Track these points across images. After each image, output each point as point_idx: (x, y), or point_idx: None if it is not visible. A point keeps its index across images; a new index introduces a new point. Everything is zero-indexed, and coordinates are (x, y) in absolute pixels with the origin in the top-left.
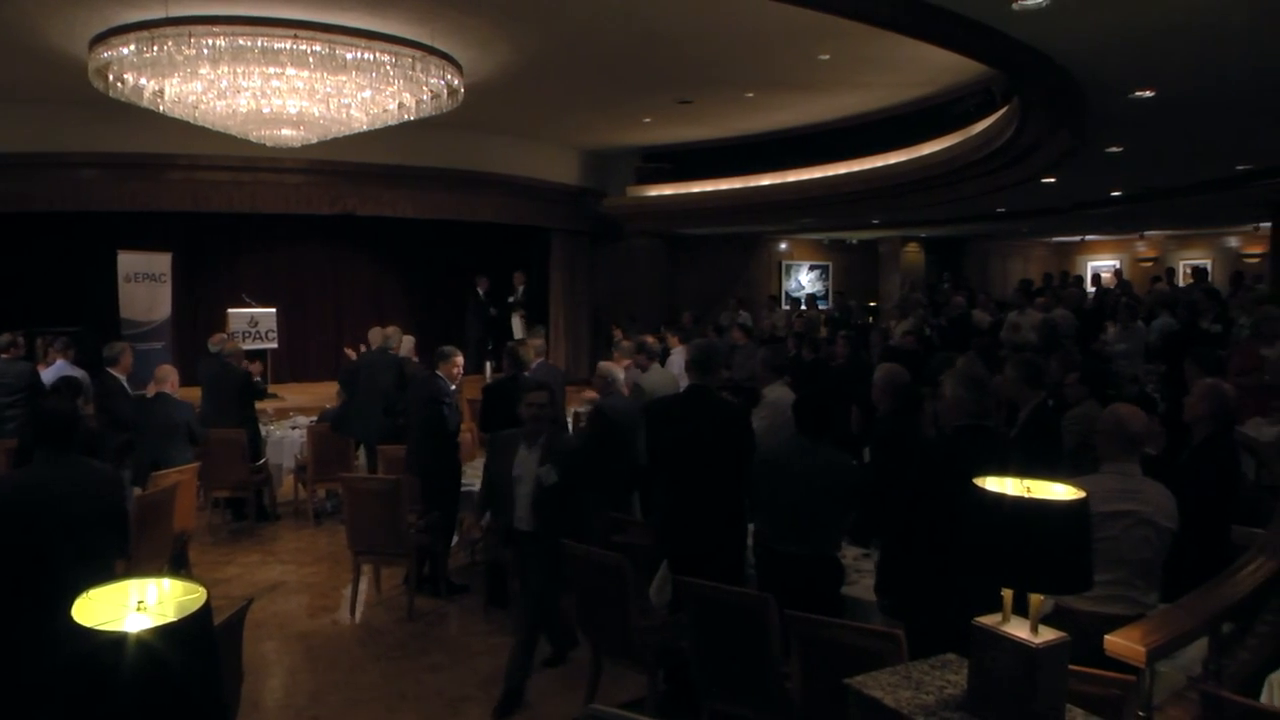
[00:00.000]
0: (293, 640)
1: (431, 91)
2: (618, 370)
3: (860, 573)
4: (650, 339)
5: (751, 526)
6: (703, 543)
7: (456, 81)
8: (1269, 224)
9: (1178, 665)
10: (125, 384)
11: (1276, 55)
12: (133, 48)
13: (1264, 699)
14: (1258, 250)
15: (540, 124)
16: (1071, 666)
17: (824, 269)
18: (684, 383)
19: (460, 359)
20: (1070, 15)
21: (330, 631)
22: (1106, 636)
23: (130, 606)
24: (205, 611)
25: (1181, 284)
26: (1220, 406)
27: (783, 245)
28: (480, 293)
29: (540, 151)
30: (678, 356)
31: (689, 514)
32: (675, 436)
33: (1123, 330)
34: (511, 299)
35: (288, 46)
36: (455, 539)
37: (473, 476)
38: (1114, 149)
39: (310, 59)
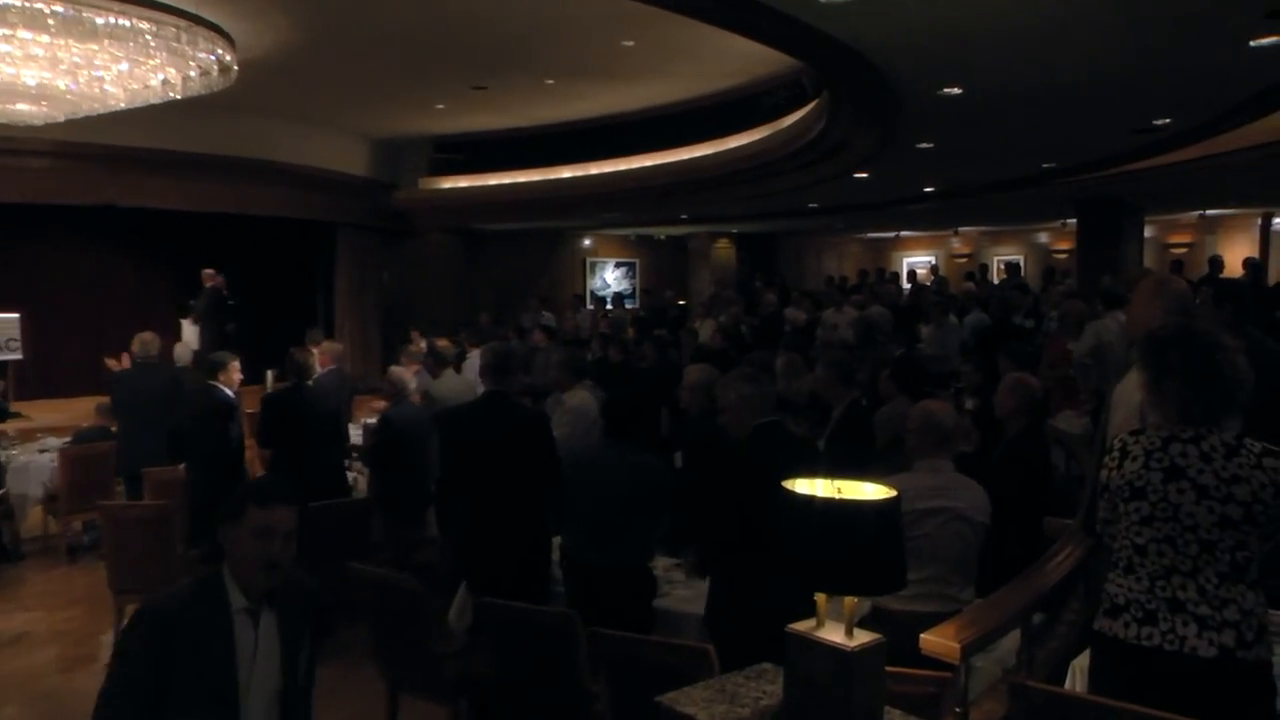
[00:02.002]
0: (39, 700)
1: (200, 67)
2: (409, 377)
3: (672, 584)
4: (444, 342)
5: (558, 540)
6: (505, 560)
7: (229, 57)
8: (1074, 220)
9: (994, 658)
10: None
11: (1075, 55)
12: None
13: (1067, 685)
14: (1065, 246)
15: (325, 109)
16: (889, 668)
17: (631, 266)
18: (482, 389)
19: (237, 364)
20: (877, 10)
21: (87, 687)
22: (921, 635)
23: None
24: None
25: (995, 280)
26: (1028, 400)
27: (587, 241)
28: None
29: (325, 139)
30: (474, 361)
31: (488, 529)
32: (471, 446)
33: (936, 328)
34: (192, 301)
35: (18, 3)
36: None
37: None
38: (925, 145)
39: (50, 21)
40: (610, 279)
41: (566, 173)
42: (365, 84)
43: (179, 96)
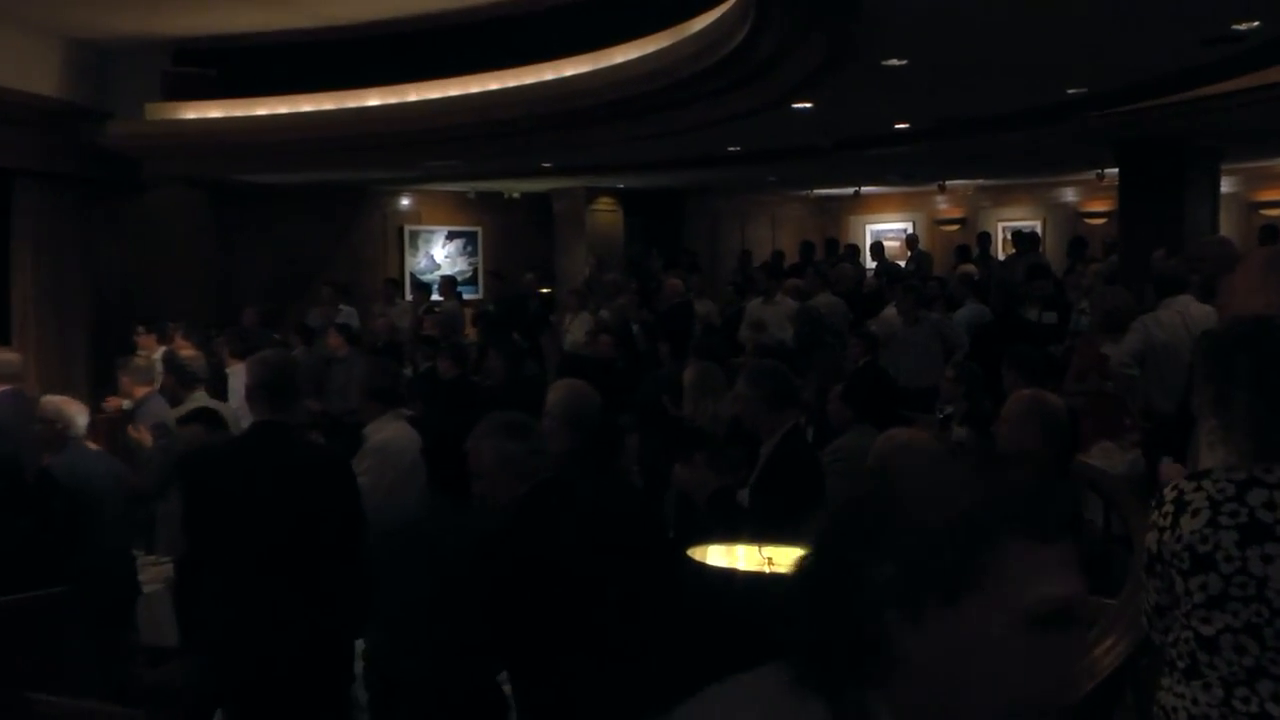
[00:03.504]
0: None
1: None
2: (73, 410)
3: None
4: (190, 351)
5: (361, 643)
6: (280, 675)
7: None
8: (1115, 170)
9: None
10: None
11: None
12: None
13: None
14: (1101, 207)
15: None
16: None
17: (470, 238)
18: (246, 419)
19: None
20: None
21: None
22: None
23: None
24: None
25: (1001, 256)
26: (1046, 427)
27: (405, 202)
28: None
29: None
30: (237, 379)
31: (255, 630)
32: (229, 505)
33: (911, 325)
34: None
35: None
36: None
37: None
38: (894, 62)
39: None
40: (440, 256)
41: (373, 99)
42: None
43: None
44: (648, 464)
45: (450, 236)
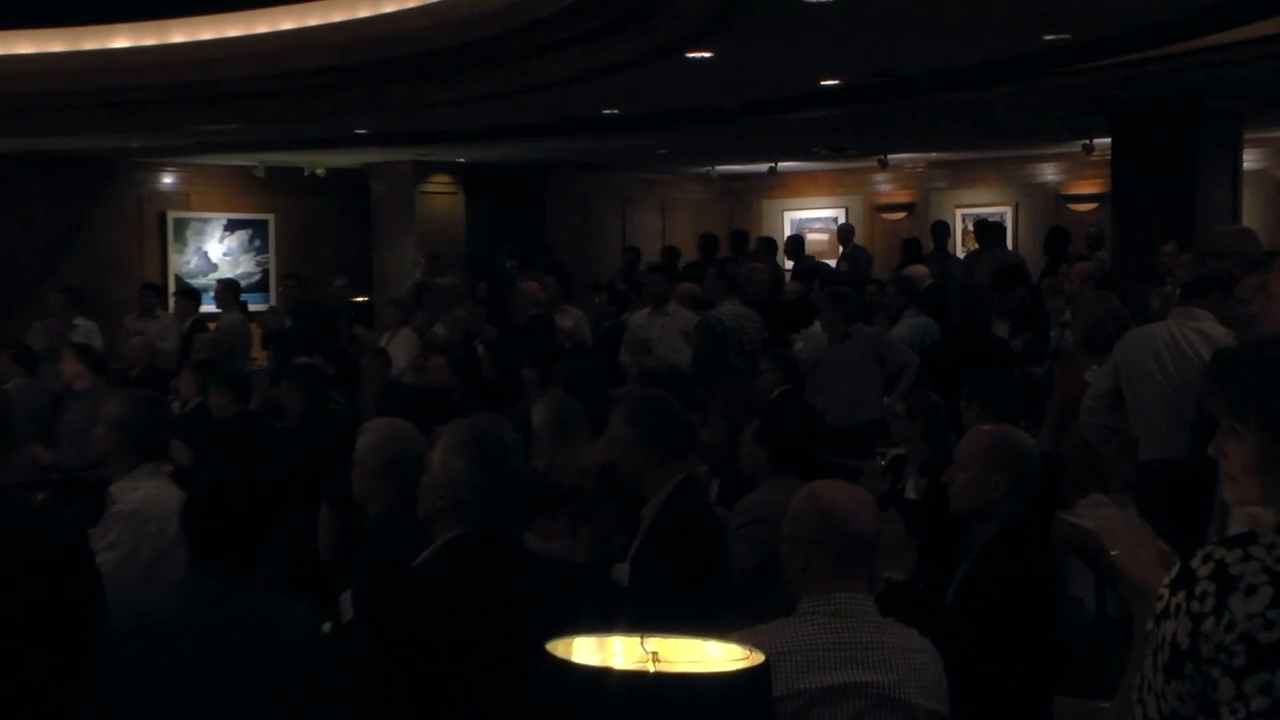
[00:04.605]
0: None
1: None
2: None
3: None
4: None
5: None
6: None
7: None
8: (1107, 140)
9: None
10: None
11: None
12: None
13: None
14: (1089, 188)
15: None
16: None
17: (258, 229)
18: None
19: None
20: None
21: None
22: None
23: None
24: None
25: (961, 253)
26: (1020, 475)
27: (168, 180)
28: None
29: None
30: None
31: None
32: None
33: (837, 342)
34: None
35: None
36: None
37: None
38: None
39: None
40: (218, 253)
41: (122, 38)
42: None
43: None
44: None
45: (231, 227)
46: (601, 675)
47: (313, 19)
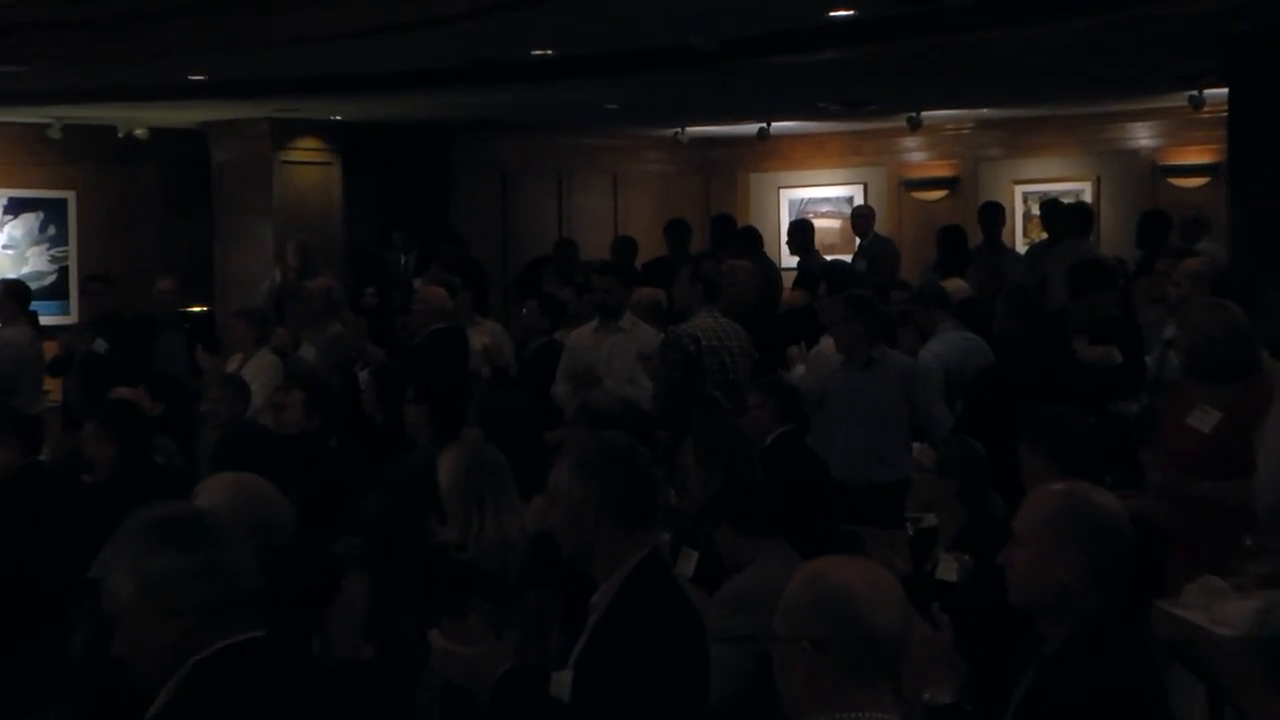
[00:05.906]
0: None
1: None
2: None
3: None
4: None
5: None
6: None
7: None
8: (1223, 90)
9: None
10: None
11: None
12: None
13: None
14: (1199, 157)
15: None
16: None
17: (53, 210)
18: None
19: None
20: None
21: None
22: None
23: None
24: None
25: (1022, 246)
26: (1102, 552)
27: None
28: None
29: None
30: None
31: None
32: None
33: (849, 371)
34: None
35: None
36: None
37: None
38: None
39: None
40: None
41: None
42: None
43: None
44: (384, 627)
45: (14, 208)
46: None
47: None
